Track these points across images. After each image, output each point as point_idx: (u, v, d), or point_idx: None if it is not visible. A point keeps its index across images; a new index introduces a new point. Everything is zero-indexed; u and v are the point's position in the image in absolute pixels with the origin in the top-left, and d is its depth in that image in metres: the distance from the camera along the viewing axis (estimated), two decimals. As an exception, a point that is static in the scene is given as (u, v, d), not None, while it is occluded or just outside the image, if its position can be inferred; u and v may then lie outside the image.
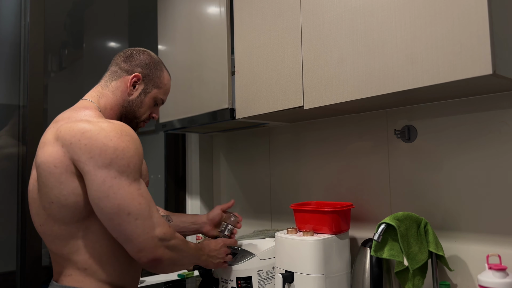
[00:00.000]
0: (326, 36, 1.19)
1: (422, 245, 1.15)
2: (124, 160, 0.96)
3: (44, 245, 1.97)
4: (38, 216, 1.04)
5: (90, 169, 0.95)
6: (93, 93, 1.16)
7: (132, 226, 0.96)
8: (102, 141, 0.96)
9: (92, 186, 0.95)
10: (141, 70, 1.18)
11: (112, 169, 0.95)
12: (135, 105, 1.18)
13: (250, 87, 1.46)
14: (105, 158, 0.95)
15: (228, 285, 1.38)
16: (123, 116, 1.18)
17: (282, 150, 1.80)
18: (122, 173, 0.96)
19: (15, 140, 1.66)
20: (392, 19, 1.04)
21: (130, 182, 0.97)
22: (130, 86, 1.16)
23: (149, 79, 1.19)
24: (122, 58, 1.19)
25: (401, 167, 1.36)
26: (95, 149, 0.95)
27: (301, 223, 1.35)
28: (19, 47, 1.69)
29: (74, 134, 0.97)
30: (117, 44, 2.30)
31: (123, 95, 1.16)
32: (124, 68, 1.17)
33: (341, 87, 1.15)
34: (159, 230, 0.99)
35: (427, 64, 0.97)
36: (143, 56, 1.20)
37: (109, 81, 1.17)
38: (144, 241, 0.97)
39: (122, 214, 0.95)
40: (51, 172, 0.98)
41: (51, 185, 0.98)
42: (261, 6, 1.42)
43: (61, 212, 0.99)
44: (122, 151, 0.96)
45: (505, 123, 1.14)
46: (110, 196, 0.94)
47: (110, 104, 1.15)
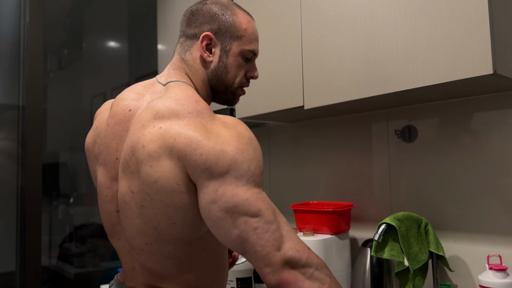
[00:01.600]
0: (326, 36, 1.19)
1: (423, 246, 1.15)
2: (244, 164, 0.79)
3: (44, 245, 1.97)
4: (144, 234, 0.88)
5: (204, 180, 0.79)
6: (177, 71, 0.95)
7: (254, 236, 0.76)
8: (220, 147, 0.79)
9: (203, 198, 0.79)
10: (209, 26, 0.93)
11: (228, 176, 0.78)
12: (220, 73, 0.95)
13: (250, 87, 1.46)
14: (223, 166, 0.78)
15: (228, 285, 1.38)
16: (214, 90, 0.97)
17: (282, 150, 1.80)
18: (240, 178, 0.78)
19: (14, 139, 1.66)
20: (392, 19, 1.04)
21: (249, 187, 0.78)
22: (205, 52, 0.93)
23: (223, 33, 0.94)
24: (184, 22, 0.97)
25: (402, 167, 1.36)
26: (211, 157, 0.78)
27: (301, 223, 1.34)
28: (19, 47, 1.69)
29: (189, 143, 0.80)
30: (116, 44, 2.29)
31: (204, 65, 0.94)
32: (189, 33, 0.95)
33: (341, 87, 1.15)
34: (289, 245, 0.76)
35: (428, 64, 0.97)
36: (205, 8, 0.95)
37: (183, 54, 0.96)
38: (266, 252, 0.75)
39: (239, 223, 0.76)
40: (173, 191, 0.82)
41: (175, 205, 0.82)
42: (261, 6, 1.42)
43: (184, 232, 0.85)
44: (241, 154, 0.79)
45: (505, 123, 1.14)
46: (220, 200, 0.77)
47: (197, 82, 0.95)
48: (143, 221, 0.87)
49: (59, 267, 2.03)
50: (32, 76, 1.64)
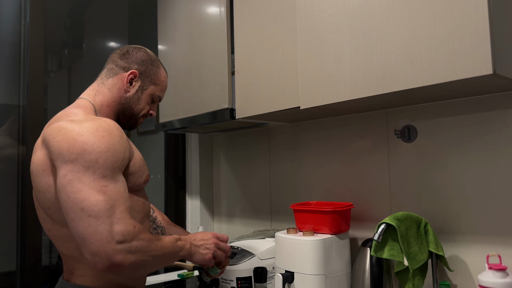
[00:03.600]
0: (323, 35, 1.19)
1: (422, 245, 1.15)
2: (92, 155, 0.91)
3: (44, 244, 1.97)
4: (45, 221, 1.03)
5: (58, 164, 0.92)
6: (89, 91, 1.14)
7: (84, 224, 0.86)
8: (73, 136, 0.92)
9: (57, 181, 0.91)
10: (137, 67, 1.17)
11: (77, 164, 0.90)
12: (132, 102, 1.16)
13: (250, 87, 1.46)
14: (72, 153, 0.90)
15: (228, 285, 1.38)
16: (120, 113, 1.16)
17: (282, 150, 1.80)
18: (87, 168, 0.90)
19: (14, 140, 1.66)
20: (390, 18, 1.04)
21: (95, 178, 0.90)
22: (127, 83, 1.15)
23: (146, 76, 1.17)
24: (118, 55, 1.18)
25: (401, 167, 1.36)
26: (64, 144, 0.91)
27: (301, 223, 1.35)
28: (19, 47, 1.69)
29: (51, 133, 0.95)
30: (117, 44, 2.29)
31: (120, 92, 1.14)
32: (120, 65, 1.16)
33: (338, 87, 1.15)
34: (117, 230, 0.87)
35: (426, 64, 0.97)
36: (140, 53, 1.19)
37: (106, 79, 1.15)
38: (97, 243, 0.85)
39: (76, 209, 0.87)
40: (40, 176, 0.97)
41: (43, 190, 0.97)
42: (261, 6, 1.42)
43: (61, 215, 0.97)
44: (91, 146, 0.91)
45: (505, 123, 1.14)
46: (68, 189, 0.88)
47: (106, 101, 1.13)
48: (40, 210, 1.02)
49: (59, 267, 2.03)
50: (32, 76, 1.64)
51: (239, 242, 1.51)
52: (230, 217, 2.08)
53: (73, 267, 1.02)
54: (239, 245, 1.47)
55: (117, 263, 0.86)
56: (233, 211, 2.07)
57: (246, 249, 1.42)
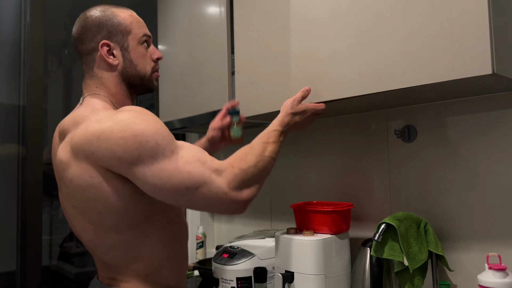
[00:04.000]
0: (317, 32, 1.18)
1: (422, 245, 1.15)
2: (150, 143, 0.84)
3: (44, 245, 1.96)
4: (84, 231, 0.95)
5: (126, 170, 0.85)
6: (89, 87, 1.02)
7: (200, 196, 0.86)
8: (119, 135, 0.84)
9: (138, 185, 0.87)
10: (101, 35, 0.99)
11: (142, 159, 0.84)
12: (130, 69, 1.01)
13: (250, 87, 1.46)
14: (131, 150, 0.83)
15: (228, 285, 1.38)
16: (132, 85, 1.03)
17: (282, 150, 1.79)
18: (155, 156, 0.84)
19: (14, 140, 1.66)
20: (387, 16, 1.03)
21: (169, 157, 0.85)
22: (108, 57, 0.99)
23: (115, 35, 1.00)
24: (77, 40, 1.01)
25: (401, 167, 1.36)
26: (117, 148, 0.84)
27: (301, 223, 1.35)
28: (19, 47, 1.69)
29: (90, 142, 0.86)
30: (117, 44, 2.29)
31: (112, 70, 1.00)
32: (87, 49, 1.00)
33: (333, 85, 1.14)
34: (224, 181, 0.88)
35: (424, 63, 0.97)
36: (88, 21, 1.00)
37: (89, 68, 1.01)
38: (223, 204, 0.87)
39: (182, 192, 0.85)
40: (89, 184, 0.88)
41: (94, 196, 0.89)
42: (260, 6, 1.42)
43: (113, 219, 0.90)
44: (141, 134, 0.84)
45: (505, 123, 1.14)
46: (159, 185, 0.84)
47: (110, 89, 1.00)
48: (80, 219, 0.94)
49: (59, 267, 2.03)
50: (32, 76, 1.64)
51: (239, 242, 1.51)
52: (230, 217, 2.08)
53: (117, 273, 0.96)
54: (239, 245, 1.47)
55: (245, 199, 0.90)
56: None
57: (246, 249, 1.42)
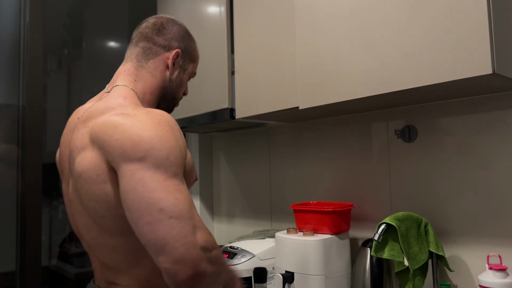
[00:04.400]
0: (321, 35, 1.19)
1: (423, 245, 1.15)
2: (162, 152, 0.78)
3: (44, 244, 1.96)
4: (87, 229, 0.90)
5: (121, 165, 0.78)
6: (127, 76, 0.97)
7: (165, 226, 0.73)
8: (136, 132, 0.78)
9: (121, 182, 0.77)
10: (178, 44, 1.01)
11: (146, 162, 0.76)
12: (175, 85, 1.02)
13: (250, 87, 1.46)
14: (139, 150, 0.77)
15: (228, 285, 1.38)
16: (161, 99, 1.02)
17: (282, 150, 1.80)
18: (159, 166, 0.77)
19: (14, 140, 1.66)
20: (390, 18, 1.04)
21: (168, 177, 0.77)
22: (172, 64, 1.00)
23: (186, 54, 1.03)
24: (154, 30, 1.00)
25: (402, 167, 1.36)
26: (127, 142, 0.78)
27: (301, 223, 1.34)
28: (19, 47, 1.69)
29: (106, 130, 0.81)
30: (117, 44, 2.29)
31: (163, 76, 0.99)
32: (160, 43, 1.00)
33: (337, 87, 1.15)
34: (201, 236, 0.75)
35: (426, 64, 0.97)
36: (176, 27, 1.03)
37: (144, 61, 0.99)
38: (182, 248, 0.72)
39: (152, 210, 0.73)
40: (94, 183, 0.83)
41: (97, 198, 0.83)
42: (260, 6, 1.42)
43: (116, 224, 0.84)
44: (159, 141, 0.78)
45: (505, 123, 1.14)
46: (138, 189, 0.75)
47: (150, 88, 0.98)
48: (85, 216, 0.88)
49: (59, 267, 2.03)
50: (32, 76, 1.64)
51: (239, 242, 1.51)
52: (230, 217, 2.08)
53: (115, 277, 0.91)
54: (239, 245, 1.47)
55: (201, 271, 0.74)
56: (233, 211, 2.06)
57: (246, 249, 1.42)
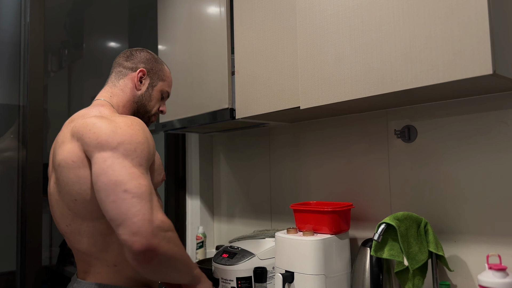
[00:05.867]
0: (322, 35, 1.19)
1: (422, 245, 1.15)
2: (132, 145, 0.95)
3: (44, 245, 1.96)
4: (63, 217, 1.03)
5: (95, 153, 0.94)
6: (104, 93, 1.19)
7: (128, 204, 0.88)
8: (111, 129, 0.96)
9: (93, 168, 0.93)
10: (144, 65, 1.23)
11: (116, 151, 0.93)
12: (145, 99, 1.21)
13: (250, 87, 1.46)
14: (112, 142, 0.94)
15: (228, 285, 1.38)
16: (135, 112, 1.21)
17: (282, 150, 1.80)
18: (127, 156, 0.93)
19: (14, 140, 1.66)
20: (390, 18, 1.04)
21: (134, 165, 0.93)
22: (137, 81, 1.20)
23: (153, 73, 1.24)
24: (123, 58, 1.24)
25: (401, 167, 1.36)
26: (103, 135, 0.95)
27: (301, 223, 1.35)
28: (19, 47, 1.69)
29: (86, 125, 0.98)
30: (117, 44, 2.30)
31: (132, 91, 1.20)
32: (128, 66, 1.22)
33: (338, 87, 1.15)
34: (158, 216, 0.90)
35: (426, 64, 0.97)
36: (143, 53, 1.25)
37: (116, 81, 1.20)
38: (139, 222, 0.87)
39: (118, 190, 0.89)
40: (69, 168, 0.98)
41: (71, 182, 0.98)
42: (260, 6, 1.42)
43: (87, 208, 0.98)
44: (130, 137, 0.96)
45: (505, 123, 1.14)
46: (109, 172, 0.90)
47: (122, 102, 1.18)
48: (61, 204, 1.03)
49: (59, 267, 2.03)
50: (32, 76, 1.64)
51: (239, 242, 1.51)
52: (230, 217, 2.08)
53: (89, 264, 1.03)
54: (239, 245, 1.47)
55: (154, 245, 0.87)
56: (233, 211, 2.07)
57: (246, 249, 1.42)
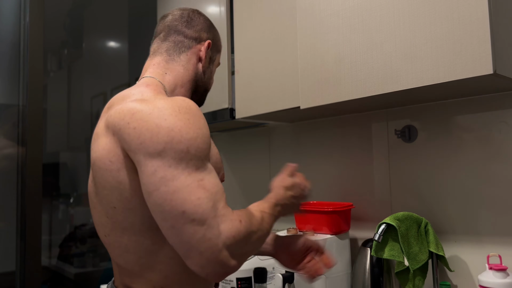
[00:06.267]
0: (323, 35, 1.19)
1: (423, 245, 1.15)
2: (182, 144, 0.75)
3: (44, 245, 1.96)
4: (102, 225, 0.86)
5: (141, 158, 0.75)
6: (157, 69, 0.95)
7: (189, 230, 0.71)
8: (154, 121, 0.76)
9: (142, 179, 0.75)
10: (207, 35, 1.01)
11: (166, 156, 0.74)
12: (207, 77, 1.01)
13: (250, 87, 1.46)
14: (158, 142, 0.75)
15: (228, 285, 1.38)
16: (193, 92, 1.00)
17: (282, 150, 1.80)
18: (180, 161, 0.74)
19: (14, 140, 1.66)
20: (391, 18, 1.04)
21: (190, 172, 0.74)
22: (205, 56, 0.99)
23: (214, 45, 1.03)
24: (183, 23, 0.99)
25: (402, 167, 1.36)
26: (145, 132, 0.75)
27: (301, 223, 1.34)
28: (19, 47, 1.69)
29: (123, 116, 0.78)
30: (116, 44, 2.30)
31: (195, 68, 0.98)
32: (190, 35, 0.98)
33: (338, 87, 1.15)
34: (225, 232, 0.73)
35: (427, 64, 0.97)
36: (202, 18, 1.02)
37: (177, 54, 0.97)
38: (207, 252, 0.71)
39: (176, 213, 0.72)
40: (107, 170, 0.80)
41: (109, 186, 0.81)
42: (261, 6, 1.42)
43: (128, 218, 0.81)
44: (179, 132, 0.75)
45: (505, 123, 1.14)
46: (161, 189, 0.73)
47: (181, 81, 0.96)
48: (99, 209, 0.86)
49: (59, 267, 2.03)
50: (32, 76, 1.64)
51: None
52: (230, 217, 2.08)
53: (131, 281, 0.87)
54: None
55: (231, 267, 0.74)
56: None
57: (246, 249, 1.42)
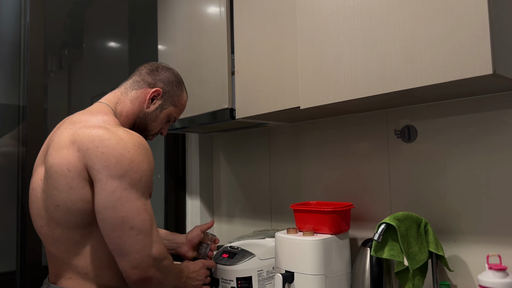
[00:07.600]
0: (323, 35, 1.19)
1: (422, 245, 1.15)
2: (138, 174, 0.97)
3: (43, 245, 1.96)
4: (40, 217, 1.04)
5: (103, 177, 0.95)
6: (111, 98, 1.16)
7: (132, 241, 0.95)
8: (120, 151, 0.96)
9: (100, 195, 0.95)
10: (163, 85, 1.20)
11: (124, 181, 0.95)
12: (149, 118, 1.20)
13: (250, 87, 1.46)
14: (120, 168, 0.95)
15: (228, 285, 1.38)
16: (135, 126, 1.20)
17: (282, 150, 1.80)
18: (133, 186, 0.96)
19: (15, 140, 1.66)
20: (390, 18, 1.04)
21: (138, 197, 0.97)
22: (149, 99, 1.18)
23: (169, 96, 1.22)
24: (147, 70, 1.21)
25: (401, 167, 1.36)
26: (111, 158, 0.95)
27: (301, 223, 1.35)
28: (19, 47, 1.69)
29: (92, 140, 0.97)
30: (117, 44, 2.30)
31: (140, 106, 1.18)
32: (147, 80, 1.19)
33: (338, 87, 1.15)
34: (156, 249, 0.99)
35: (426, 64, 0.97)
36: (168, 73, 1.23)
37: (130, 90, 1.18)
38: (140, 258, 0.96)
39: (125, 227, 0.95)
40: (63, 175, 0.98)
41: (60, 188, 0.98)
42: (261, 6, 1.42)
43: (66, 216, 0.99)
44: (137, 164, 0.97)
45: (505, 123, 1.14)
46: (117, 207, 0.94)
47: (126, 112, 1.16)
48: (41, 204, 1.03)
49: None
50: (32, 76, 1.64)
51: (239, 242, 1.51)
52: (230, 217, 2.08)
53: (60, 268, 1.04)
54: (239, 245, 1.47)
55: (148, 276, 0.97)
56: (233, 211, 2.07)
57: (246, 249, 1.42)
